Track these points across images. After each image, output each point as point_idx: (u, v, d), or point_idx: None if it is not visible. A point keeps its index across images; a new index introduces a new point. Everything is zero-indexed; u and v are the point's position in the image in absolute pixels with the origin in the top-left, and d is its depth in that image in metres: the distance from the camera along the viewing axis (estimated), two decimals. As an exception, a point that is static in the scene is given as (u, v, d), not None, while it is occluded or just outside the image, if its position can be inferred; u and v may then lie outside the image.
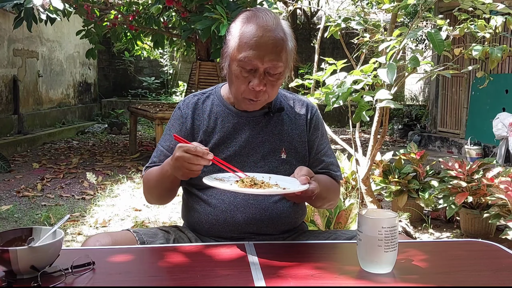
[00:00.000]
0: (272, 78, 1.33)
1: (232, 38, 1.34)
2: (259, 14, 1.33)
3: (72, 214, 3.57)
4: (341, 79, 2.42)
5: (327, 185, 1.46)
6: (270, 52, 1.29)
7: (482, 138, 5.82)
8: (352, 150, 3.12)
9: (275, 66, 1.31)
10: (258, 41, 1.29)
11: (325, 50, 9.37)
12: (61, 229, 1.09)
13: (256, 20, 1.31)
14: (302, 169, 1.28)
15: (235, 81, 1.35)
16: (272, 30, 1.30)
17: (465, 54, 2.44)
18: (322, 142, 1.51)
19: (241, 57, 1.30)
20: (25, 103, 7.01)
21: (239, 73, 1.32)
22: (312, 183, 1.25)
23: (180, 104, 1.50)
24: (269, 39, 1.29)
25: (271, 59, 1.30)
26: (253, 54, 1.29)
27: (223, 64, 1.40)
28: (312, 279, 1.04)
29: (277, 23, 1.33)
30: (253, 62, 1.30)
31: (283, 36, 1.33)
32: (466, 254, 1.26)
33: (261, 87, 1.32)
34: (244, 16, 1.35)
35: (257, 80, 1.31)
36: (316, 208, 1.55)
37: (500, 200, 2.82)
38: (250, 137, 1.42)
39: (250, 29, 1.30)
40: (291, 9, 3.62)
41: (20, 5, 4.43)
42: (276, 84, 1.36)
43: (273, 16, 1.33)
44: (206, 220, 1.39)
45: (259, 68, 1.31)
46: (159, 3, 5.09)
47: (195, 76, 5.72)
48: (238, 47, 1.31)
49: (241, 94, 1.36)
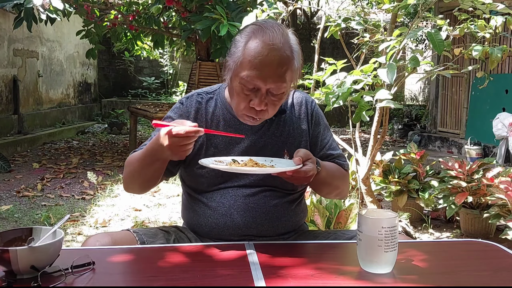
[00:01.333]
0: (274, 98, 1.29)
1: (237, 52, 1.28)
2: (266, 30, 1.26)
3: (72, 214, 3.57)
4: (341, 79, 2.42)
5: (333, 170, 1.43)
6: (274, 73, 1.24)
7: (482, 138, 5.82)
8: (352, 150, 3.12)
9: (278, 87, 1.26)
10: (262, 60, 1.23)
11: (325, 50, 9.37)
12: (61, 229, 1.09)
13: (262, 37, 1.25)
14: (299, 151, 1.26)
15: (236, 97, 1.31)
16: (278, 49, 1.24)
17: (465, 54, 2.44)
18: (325, 136, 1.49)
19: (243, 75, 1.25)
20: (25, 103, 7.01)
21: (240, 90, 1.28)
22: (308, 164, 1.23)
23: (183, 100, 1.46)
24: (274, 58, 1.24)
25: (275, 80, 1.25)
26: (255, 74, 1.24)
27: (225, 75, 1.35)
28: (312, 279, 1.04)
29: (285, 40, 1.26)
30: (255, 82, 1.25)
31: (290, 55, 1.27)
32: (466, 254, 1.26)
33: (262, 107, 1.28)
34: (251, 29, 1.29)
35: (258, 100, 1.27)
36: (324, 196, 1.53)
37: (500, 200, 2.82)
38: (252, 142, 1.40)
39: (255, 46, 1.25)
40: (291, 9, 3.61)
41: (20, 5, 4.43)
42: (278, 103, 1.32)
43: (281, 32, 1.27)
44: (206, 223, 1.39)
45: (262, 88, 1.26)
46: (159, 3, 5.09)
47: (195, 76, 5.72)
48: (241, 64, 1.26)
49: (241, 111, 1.32)
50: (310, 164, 1.24)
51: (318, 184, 1.40)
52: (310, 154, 1.27)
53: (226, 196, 1.37)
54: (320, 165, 1.32)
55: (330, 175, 1.40)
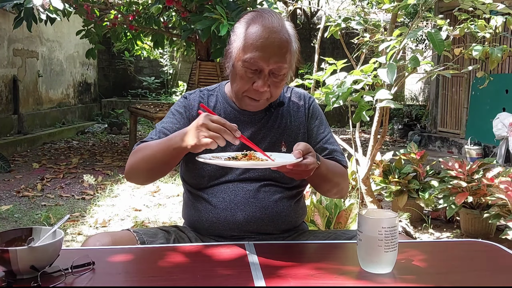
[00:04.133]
0: (276, 79, 1.34)
1: (237, 39, 1.35)
2: (264, 15, 1.33)
3: (72, 214, 3.57)
4: (341, 79, 2.42)
5: (332, 166, 1.43)
6: (276, 53, 1.31)
7: (482, 138, 5.82)
8: (352, 150, 3.12)
9: (280, 67, 1.32)
10: (264, 43, 1.30)
11: (325, 50, 9.37)
12: (61, 229, 1.09)
13: (261, 21, 1.32)
14: (299, 144, 1.26)
15: (239, 81, 1.36)
16: (277, 32, 1.31)
17: (465, 54, 2.44)
18: (322, 130, 1.50)
19: (246, 58, 1.31)
20: (25, 103, 7.01)
21: (243, 73, 1.33)
22: (308, 157, 1.23)
23: (186, 94, 1.51)
24: (274, 40, 1.30)
25: (276, 60, 1.31)
26: (258, 56, 1.30)
27: (226, 63, 1.40)
28: (312, 279, 1.04)
29: (282, 24, 1.33)
30: (258, 64, 1.31)
31: (288, 38, 1.34)
32: (466, 254, 1.26)
33: (265, 88, 1.33)
34: (249, 16, 1.36)
35: (261, 81, 1.32)
36: (324, 194, 1.52)
37: (500, 200, 2.82)
38: (252, 134, 1.42)
39: (255, 30, 1.31)
40: (291, 9, 3.61)
41: (20, 5, 4.42)
42: (280, 85, 1.37)
43: (277, 17, 1.34)
44: (207, 218, 1.39)
45: (264, 70, 1.32)
46: (159, 3, 5.09)
47: (195, 76, 5.72)
48: (244, 48, 1.32)
49: (243, 93, 1.36)
50: (310, 157, 1.24)
51: (318, 180, 1.39)
52: (310, 147, 1.27)
53: (226, 191, 1.38)
54: (320, 160, 1.32)
55: (331, 171, 1.40)
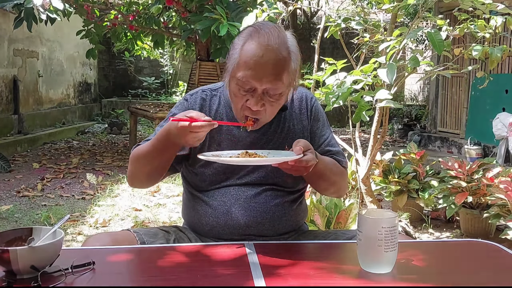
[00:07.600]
0: (272, 98, 1.29)
1: (234, 54, 1.31)
2: (262, 31, 1.28)
3: (72, 214, 3.57)
4: (341, 79, 2.42)
5: (330, 165, 1.42)
6: (270, 73, 1.25)
7: (482, 138, 5.82)
8: (352, 150, 3.12)
9: (274, 87, 1.27)
10: (257, 61, 1.25)
11: (325, 50, 9.36)
12: (61, 229, 1.09)
13: (258, 38, 1.27)
14: (299, 142, 1.26)
15: (234, 99, 1.34)
16: (273, 50, 1.25)
17: (465, 54, 2.44)
18: (324, 132, 1.50)
19: (239, 76, 1.27)
20: (25, 103, 7.00)
21: (237, 91, 1.30)
22: (308, 154, 1.23)
23: (187, 96, 1.47)
24: (269, 59, 1.25)
25: (270, 80, 1.26)
26: (250, 74, 1.25)
27: (224, 78, 1.37)
28: (312, 279, 1.04)
29: (281, 41, 1.27)
30: (251, 83, 1.26)
31: (286, 56, 1.28)
32: (466, 254, 1.26)
33: (258, 108, 1.29)
34: (247, 32, 1.31)
35: (254, 100, 1.28)
36: (322, 193, 1.52)
37: (500, 200, 2.82)
38: (255, 139, 1.41)
39: (251, 48, 1.26)
40: (291, 9, 3.61)
41: (20, 5, 4.43)
42: (276, 104, 1.32)
43: (277, 33, 1.28)
44: (207, 221, 1.39)
45: (257, 89, 1.27)
46: (159, 3, 5.10)
47: (195, 76, 5.72)
48: (238, 65, 1.28)
49: (239, 112, 1.34)
50: (310, 154, 1.24)
51: (315, 178, 1.39)
52: (310, 144, 1.27)
53: (227, 195, 1.37)
54: (318, 157, 1.32)
55: (328, 169, 1.39)
